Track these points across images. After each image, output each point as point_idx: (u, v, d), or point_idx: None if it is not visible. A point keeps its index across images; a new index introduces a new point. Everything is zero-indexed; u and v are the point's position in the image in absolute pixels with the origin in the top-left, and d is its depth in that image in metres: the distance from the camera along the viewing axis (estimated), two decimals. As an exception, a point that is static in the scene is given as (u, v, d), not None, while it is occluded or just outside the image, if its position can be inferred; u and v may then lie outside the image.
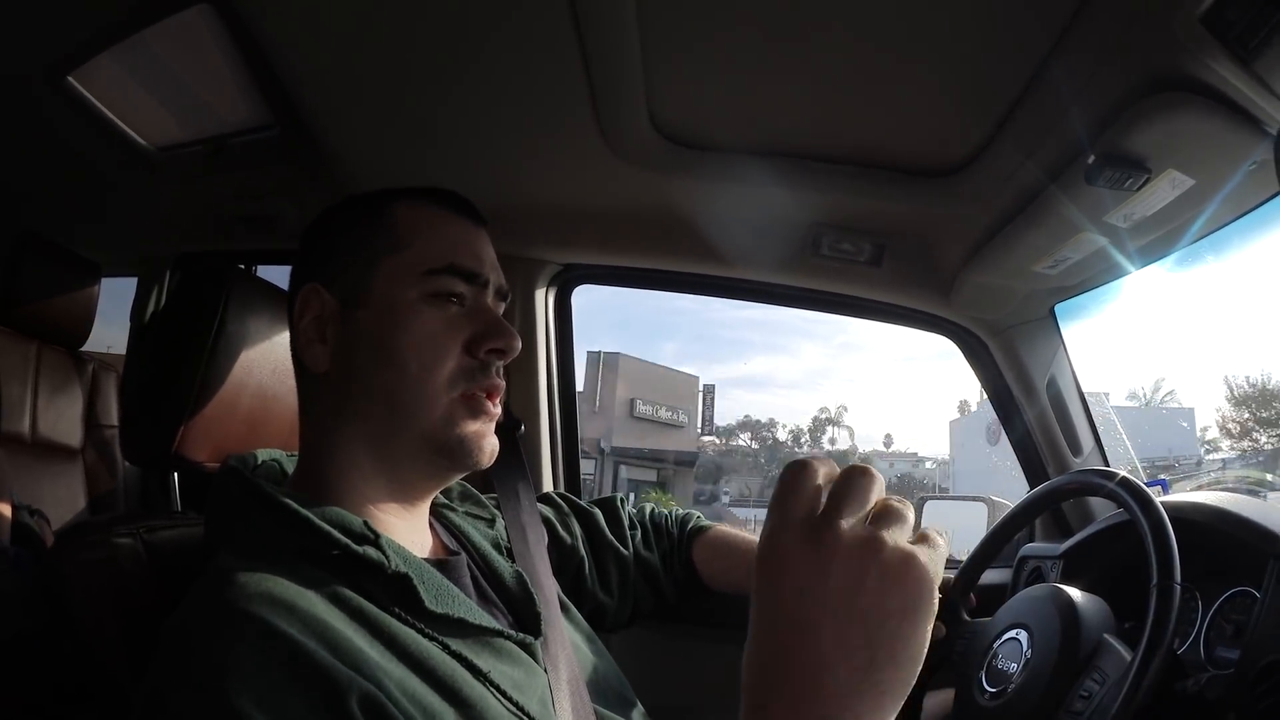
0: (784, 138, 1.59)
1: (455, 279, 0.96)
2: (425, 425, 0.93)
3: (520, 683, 0.88)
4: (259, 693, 0.67)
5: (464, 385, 0.94)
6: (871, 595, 0.53)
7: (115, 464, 2.43)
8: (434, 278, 0.95)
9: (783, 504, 0.57)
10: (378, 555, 0.84)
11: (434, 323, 0.94)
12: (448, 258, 0.96)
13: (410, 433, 0.93)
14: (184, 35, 1.56)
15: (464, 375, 0.94)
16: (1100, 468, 1.67)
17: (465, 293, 0.97)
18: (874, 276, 1.93)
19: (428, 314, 0.94)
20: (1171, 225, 1.43)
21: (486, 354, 0.96)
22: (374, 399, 0.93)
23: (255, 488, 0.89)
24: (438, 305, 0.95)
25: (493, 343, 0.96)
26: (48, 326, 2.31)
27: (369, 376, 0.93)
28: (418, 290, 0.94)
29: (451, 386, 0.94)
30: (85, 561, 0.94)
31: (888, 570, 0.53)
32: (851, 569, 0.53)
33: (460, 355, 0.95)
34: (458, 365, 0.94)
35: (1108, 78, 1.17)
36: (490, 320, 0.98)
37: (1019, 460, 2.08)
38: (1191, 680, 1.14)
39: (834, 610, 0.53)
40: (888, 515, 0.55)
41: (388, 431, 0.93)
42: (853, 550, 0.53)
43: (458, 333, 0.95)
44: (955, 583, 1.48)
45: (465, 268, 0.97)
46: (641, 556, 1.41)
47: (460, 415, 0.94)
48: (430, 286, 0.94)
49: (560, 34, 1.29)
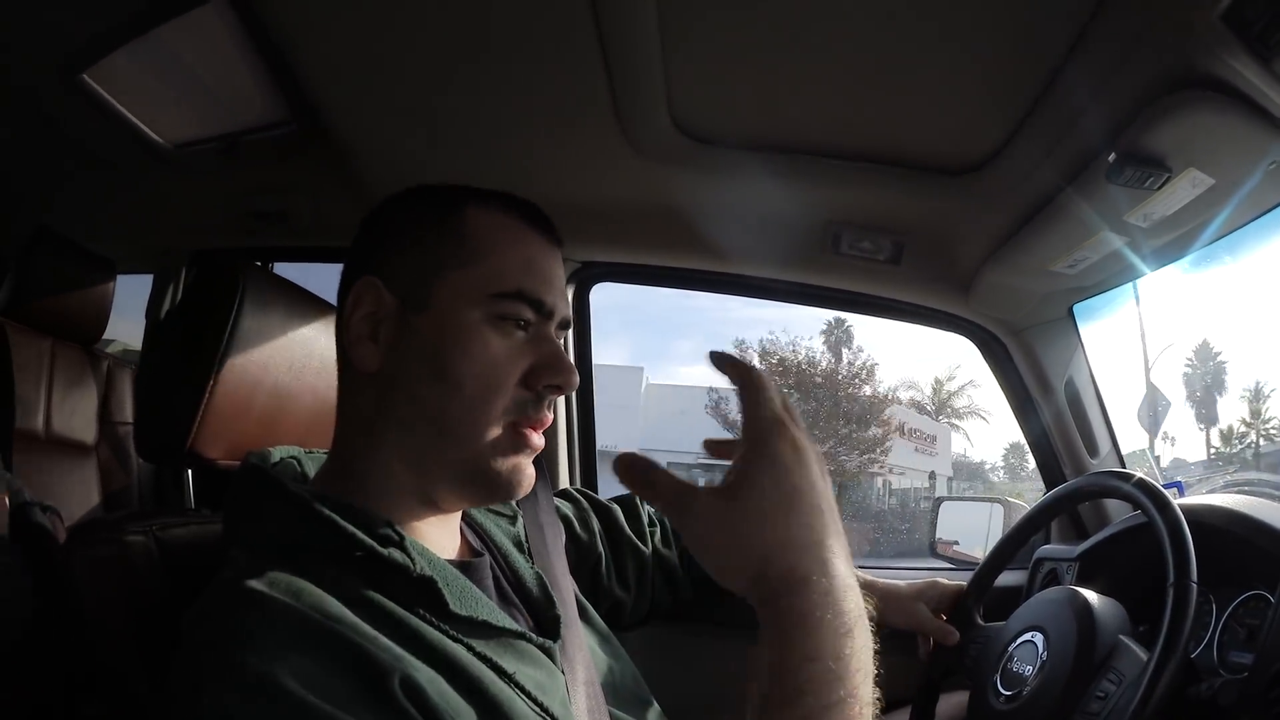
0: (804, 134, 1.59)
1: (523, 305, 0.92)
2: (469, 451, 0.90)
3: (543, 684, 0.87)
4: (301, 669, 0.66)
5: (515, 416, 0.91)
6: (813, 472, 0.71)
7: (129, 461, 2.44)
8: (501, 301, 0.90)
9: (762, 407, 0.73)
10: (403, 558, 0.83)
11: (496, 349, 0.90)
12: (518, 282, 0.91)
13: (452, 455, 0.90)
14: (199, 31, 1.56)
15: (517, 406, 0.91)
16: (1117, 469, 1.66)
17: (531, 319, 0.93)
18: (893, 275, 1.92)
19: (492, 338, 0.90)
20: (1190, 225, 1.41)
21: (544, 388, 0.92)
22: (421, 413, 0.90)
23: (279, 485, 0.88)
24: (502, 330, 0.91)
25: (552, 378, 0.92)
26: (62, 323, 2.32)
27: (420, 388, 0.90)
28: (483, 311, 0.90)
29: (504, 416, 0.90)
30: (97, 559, 0.94)
31: (813, 453, 0.73)
32: (808, 456, 0.72)
33: (517, 386, 0.91)
34: (514, 396, 0.90)
35: (1128, 75, 1.16)
36: (552, 354, 0.93)
37: (1035, 461, 2.07)
38: (1205, 685, 1.13)
39: (812, 484, 0.71)
40: (792, 412, 0.75)
41: (429, 448, 0.90)
42: (805, 443, 0.72)
43: (519, 362, 0.91)
44: (970, 586, 1.47)
45: (535, 295, 0.92)
46: (660, 554, 1.41)
47: (505, 447, 0.91)
48: (496, 309, 0.90)
49: (579, 28, 1.29)
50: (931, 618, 1.39)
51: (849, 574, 0.69)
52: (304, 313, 1.18)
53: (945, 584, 1.46)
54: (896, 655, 1.54)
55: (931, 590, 1.44)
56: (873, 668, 0.68)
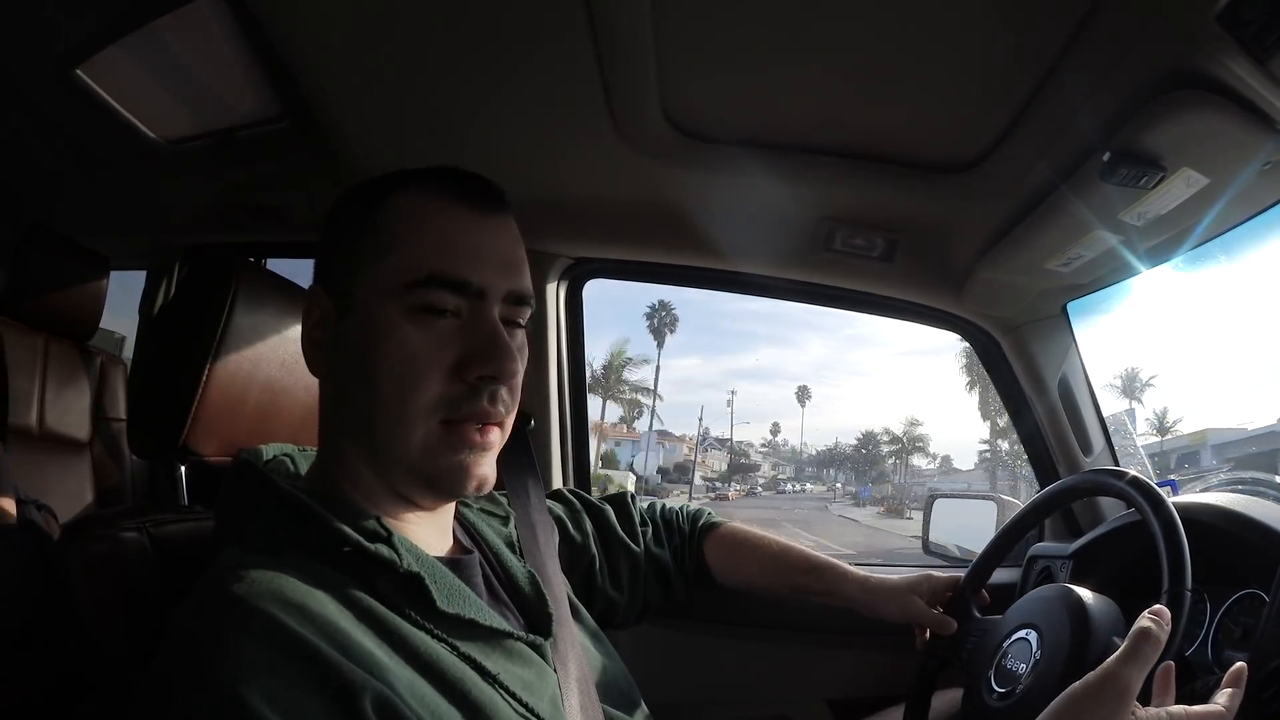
0: (797, 131, 1.59)
1: (440, 291, 0.85)
2: (403, 454, 0.86)
3: (530, 684, 0.87)
4: (270, 689, 0.66)
5: (444, 413, 0.86)
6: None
7: (123, 457, 2.44)
8: (415, 291, 0.85)
9: (1134, 666, 0.86)
10: (390, 553, 0.82)
11: (415, 342, 0.85)
12: (430, 266, 0.85)
13: (392, 458, 0.87)
14: (193, 27, 1.56)
15: (445, 403, 0.85)
16: (1111, 467, 1.66)
17: (459, 305, 0.87)
18: (886, 272, 1.93)
19: (410, 332, 0.85)
20: (1185, 224, 1.42)
21: (477, 380, 0.86)
22: (357, 417, 0.88)
23: (269, 481, 0.87)
24: (423, 321, 0.85)
25: (483, 367, 0.86)
26: (56, 319, 2.31)
27: (352, 391, 0.88)
28: (399, 304, 0.85)
29: (430, 415, 0.85)
30: (91, 555, 0.93)
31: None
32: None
33: (444, 380, 0.85)
34: (439, 391, 0.85)
35: (1122, 75, 1.17)
36: (485, 338, 0.87)
37: (1029, 459, 2.08)
38: (1199, 683, 1.14)
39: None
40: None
41: (374, 450, 0.88)
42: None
43: (441, 354, 0.85)
44: (965, 580, 1.48)
45: (452, 276, 0.86)
46: (653, 553, 1.41)
47: (439, 447, 0.86)
48: (413, 300, 0.85)
49: (574, 24, 1.29)
50: (927, 609, 1.39)
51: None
52: (297, 309, 1.17)
53: (939, 576, 1.46)
54: (892, 653, 1.55)
55: (925, 583, 1.44)
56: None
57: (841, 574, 1.40)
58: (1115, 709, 0.82)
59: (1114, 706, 0.82)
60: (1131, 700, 0.83)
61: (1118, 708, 0.82)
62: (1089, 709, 0.83)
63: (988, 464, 54.33)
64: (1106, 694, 0.83)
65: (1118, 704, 0.82)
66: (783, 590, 1.43)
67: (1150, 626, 0.87)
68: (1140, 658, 0.85)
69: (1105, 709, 0.82)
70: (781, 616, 1.84)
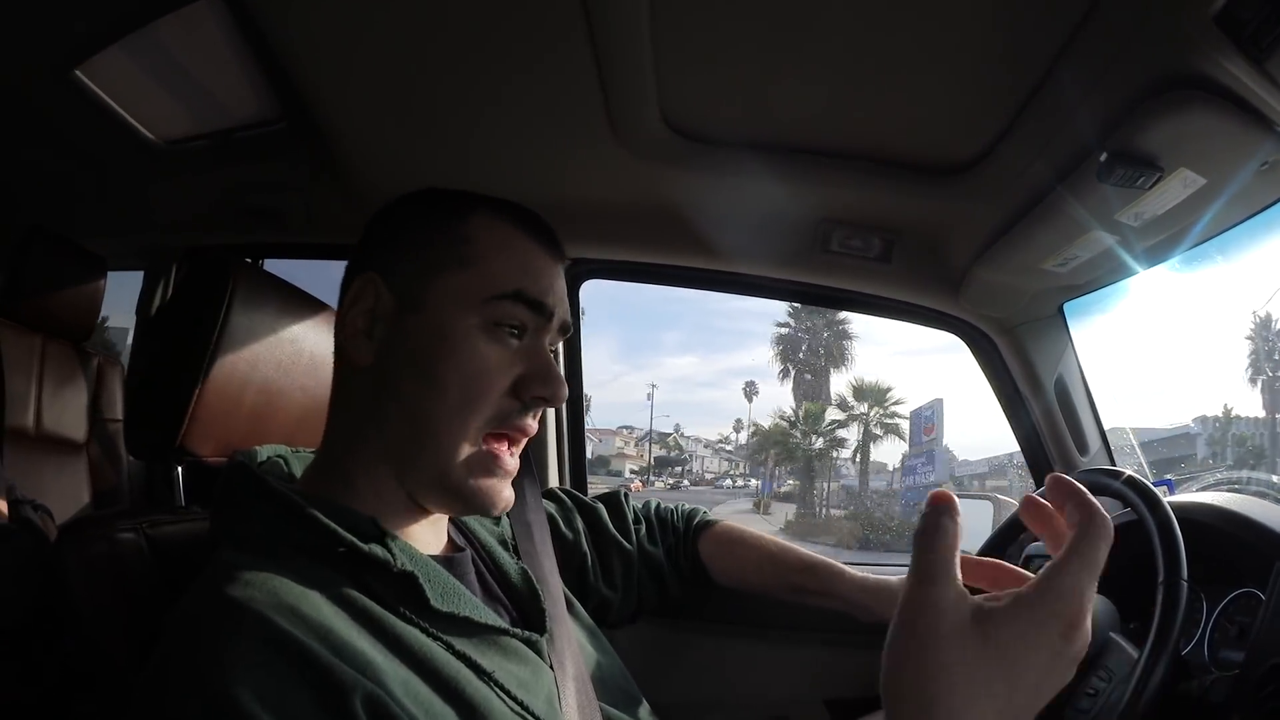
0: (794, 133, 1.59)
1: (520, 307, 0.91)
2: (444, 463, 0.89)
3: (526, 681, 0.87)
4: (261, 688, 0.66)
5: (497, 426, 0.90)
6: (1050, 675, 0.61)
7: (119, 458, 2.44)
8: (497, 304, 0.90)
9: (1081, 569, 0.64)
10: (383, 553, 0.83)
11: (487, 357, 0.89)
12: (516, 283, 0.91)
13: (428, 462, 0.89)
14: (191, 29, 1.56)
15: (501, 416, 0.90)
16: (1107, 467, 1.66)
17: (527, 324, 0.92)
18: (883, 273, 1.93)
19: (482, 345, 0.89)
20: (1181, 224, 1.42)
21: (531, 399, 0.91)
22: (404, 412, 0.89)
23: (262, 482, 0.88)
24: (495, 336, 0.90)
25: (541, 390, 0.91)
26: (53, 320, 2.31)
27: (406, 387, 0.89)
28: (478, 316, 0.89)
29: (486, 426, 0.89)
30: (88, 556, 0.93)
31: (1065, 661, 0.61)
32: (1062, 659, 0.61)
33: (504, 396, 0.90)
34: (498, 406, 0.90)
35: (1119, 76, 1.17)
36: (544, 365, 0.92)
37: (1025, 458, 2.07)
38: (1196, 682, 1.14)
39: (1036, 685, 0.61)
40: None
41: (409, 451, 0.90)
42: (1073, 642, 0.62)
43: (508, 371, 0.90)
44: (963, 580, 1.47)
45: (533, 296, 0.91)
46: (646, 551, 1.41)
47: (479, 469, 0.90)
48: (491, 314, 0.90)
49: (571, 27, 1.29)
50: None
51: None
52: (294, 310, 1.18)
53: None
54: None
55: None
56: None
57: (838, 574, 1.40)
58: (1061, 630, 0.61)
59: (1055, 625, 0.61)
60: (1085, 620, 0.62)
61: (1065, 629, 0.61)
62: (1030, 638, 0.61)
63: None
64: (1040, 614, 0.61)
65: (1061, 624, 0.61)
66: (778, 589, 1.43)
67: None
68: (1087, 556, 0.64)
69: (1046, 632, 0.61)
70: (780, 617, 1.83)
